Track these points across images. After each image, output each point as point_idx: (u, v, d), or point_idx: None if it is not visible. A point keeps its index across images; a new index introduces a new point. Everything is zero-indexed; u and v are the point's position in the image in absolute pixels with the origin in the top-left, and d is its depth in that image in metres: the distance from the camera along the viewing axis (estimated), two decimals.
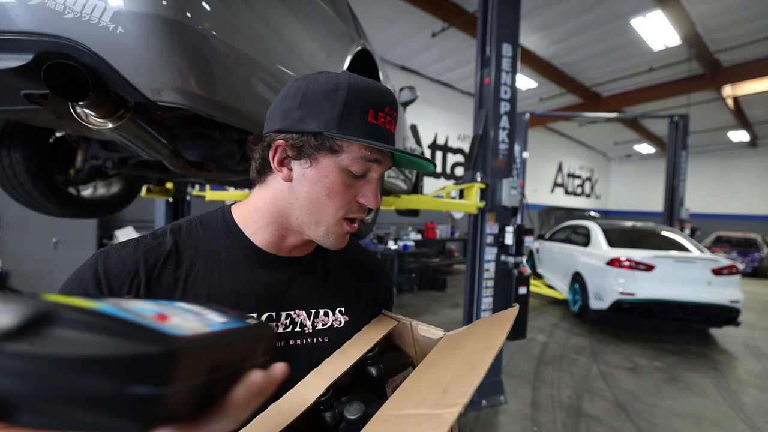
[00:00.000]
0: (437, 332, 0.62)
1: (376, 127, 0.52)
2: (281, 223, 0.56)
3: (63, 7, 0.61)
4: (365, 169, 0.53)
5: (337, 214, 0.53)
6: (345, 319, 0.63)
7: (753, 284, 8.82)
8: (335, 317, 0.62)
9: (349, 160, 0.52)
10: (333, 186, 0.52)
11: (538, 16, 5.96)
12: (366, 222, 1.43)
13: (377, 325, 0.65)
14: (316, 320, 0.60)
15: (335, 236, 0.55)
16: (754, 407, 2.90)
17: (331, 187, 0.52)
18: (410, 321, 0.65)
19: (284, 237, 0.58)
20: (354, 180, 0.53)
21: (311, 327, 0.59)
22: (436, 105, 8.90)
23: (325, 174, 0.52)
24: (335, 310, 0.62)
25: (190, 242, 0.54)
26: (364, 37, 1.58)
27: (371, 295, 0.70)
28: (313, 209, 0.53)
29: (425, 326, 0.63)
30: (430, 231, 7.88)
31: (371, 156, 0.52)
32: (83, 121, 0.72)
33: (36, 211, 1.59)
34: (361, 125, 0.51)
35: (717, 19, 5.96)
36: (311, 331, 0.59)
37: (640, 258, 4.40)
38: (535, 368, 3.48)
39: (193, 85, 0.72)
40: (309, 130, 0.51)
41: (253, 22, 0.86)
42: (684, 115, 6.87)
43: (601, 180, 17.17)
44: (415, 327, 0.64)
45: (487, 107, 2.79)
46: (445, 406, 0.40)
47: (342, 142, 0.51)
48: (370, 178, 0.54)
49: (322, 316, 0.61)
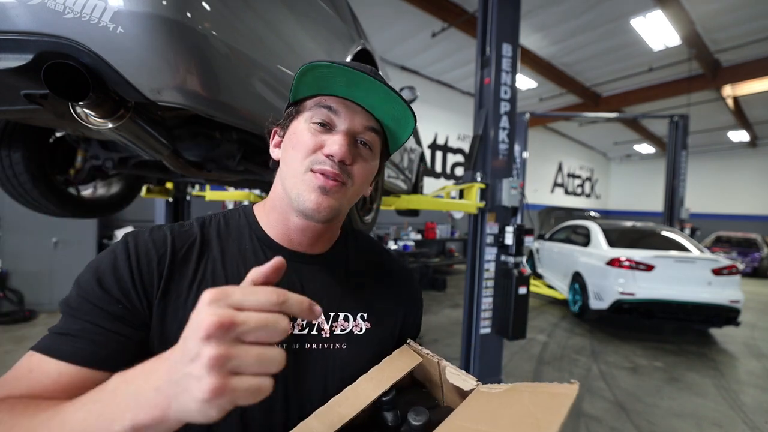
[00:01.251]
0: (470, 381, 0.51)
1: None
2: (279, 204, 0.56)
3: (63, 7, 0.61)
4: (325, 116, 0.52)
5: (302, 165, 0.51)
6: (366, 326, 0.58)
7: (753, 284, 8.82)
8: (356, 323, 0.57)
9: (308, 113, 0.53)
10: (297, 138, 0.53)
11: (538, 16, 5.95)
12: (366, 222, 1.43)
13: (399, 358, 0.56)
14: (335, 324, 0.55)
15: (307, 191, 0.51)
16: (754, 407, 2.90)
17: (295, 140, 0.53)
18: (438, 359, 0.55)
19: (288, 224, 0.56)
20: (320, 132, 0.52)
21: (329, 331, 0.54)
22: (436, 105, 8.89)
23: (293, 132, 0.54)
24: (356, 315, 0.57)
25: (214, 234, 0.56)
26: (364, 37, 1.59)
27: (401, 309, 0.64)
28: (286, 172, 0.54)
29: (455, 370, 0.53)
30: (430, 231, 7.88)
31: (326, 103, 0.52)
32: (83, 121, 0.72)
33: (36, 211, 1.59)
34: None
35: (717, 19, 5.96)
36: (329, 336, 0.54)
37: (640, 258, 4.40)
38: (535, 368, 3.47)
39: (193, 85, 0.72)
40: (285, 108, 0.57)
41: (253, 22, 0.86)
42: (684, 115, 6.87)
43: (601, 180, 17.17)
44: (444, 368, 0.54)
45: (487, 107, 2.79)
46: None
47: (305, 102, 0.54)
48: (337, 130, 0.52)
49: (342, 321, 0.56)
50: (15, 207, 3.38)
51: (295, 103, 0.55)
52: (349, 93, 0.52)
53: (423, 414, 0.47)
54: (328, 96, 0.52)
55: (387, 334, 0.60)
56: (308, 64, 0.48)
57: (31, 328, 3.83)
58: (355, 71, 0.48)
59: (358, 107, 0.53)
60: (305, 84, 0.52)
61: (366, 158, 0.55)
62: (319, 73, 0.49)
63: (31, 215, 1.98)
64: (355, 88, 0.51)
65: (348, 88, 0.51)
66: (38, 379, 0.41)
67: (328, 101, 0.52)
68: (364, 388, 0.50)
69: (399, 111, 0.53)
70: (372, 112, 0.54)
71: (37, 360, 0.42)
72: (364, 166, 0.54)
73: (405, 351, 0.58)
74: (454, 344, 3.93)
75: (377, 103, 0.52)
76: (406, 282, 0.67)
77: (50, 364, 0.42)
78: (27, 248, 4.18)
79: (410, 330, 0.66)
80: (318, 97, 0.53)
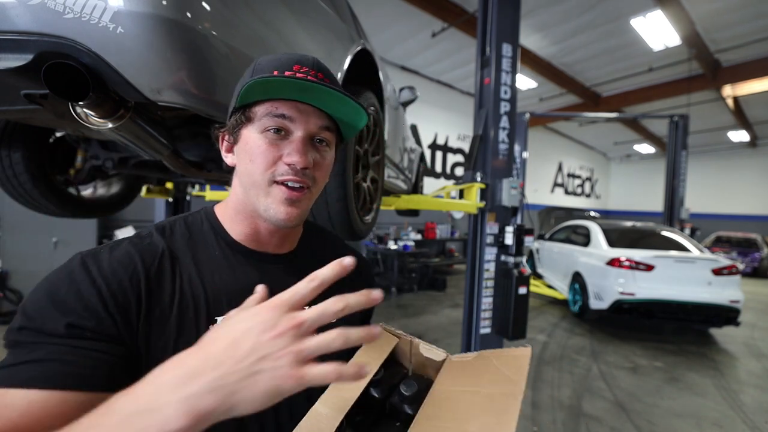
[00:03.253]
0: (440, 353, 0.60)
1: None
2: (245, 210, 0.56)
3: (63, 7, 0.61)
4: (279, 124, 0.51)
5: (263, 177, 0.51)
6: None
7: (753, 284, 8.82)
8: None
9: (260, 122, 0.51)
10: (253, 150, 0.51)
11: (538, 16, 5.96)
12: (366, 222, 1.43)
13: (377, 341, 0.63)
14: None
15: (275, 205, 0.52)
16: (754, 407, 2.90)
17: (252, 152, 0.52)
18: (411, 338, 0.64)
19: (256, 226, 0.57)
20: (277, 141, 0.52)
21: None
22: (436, 105, 8.90)
23: (246, 142, 0.53)
24: None
25: (181, 243, 0.54)
26: (364, 37, 1.59)
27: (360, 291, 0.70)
28: (247, 181, 0.53)
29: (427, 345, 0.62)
30: (430, 231, 7.89)
31: (278, 111, 0.51)
32: (83, 121, 0.72)
33: (36, 211, 1.59)
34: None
35: (717, 19, 5.96)
36: None
37: (640, 258, 4.40)
38: (535, 368, 3.47)
39: (193, 85, 0.72)
40: (231, 112, 0.54)
41: (253, 22, 0.85)
42: (684, 115, 6.87)
43: (601, 180, 17.17)
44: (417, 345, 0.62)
45: (487, 107, 2.79)
46: None
47: (254, 108, 0.52)
48: (294, 137, 0.52)
49: None
50: (15, 207, 3.37)
51: (242, 107, 0.53)
52: (301, 96, 0.51)
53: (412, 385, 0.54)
54: (278, 102, 0.51)
55: (355, 319, 0.65)
56: (256, 79, 0.47)
57: None
58: (307, 83, 0.48)
59: (311, 108, 0.52)
60: (254, 91, 0.50)
61: (324, 156, 0.56)
62: (269, 85, 0.49)
63: (31, 215, 1.98)
64: (307, 92, 0.51)
65: (300, 93, 0.51)
66: (3, 415, 0.35)
67: (280, 108, 0.51)
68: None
69: (352, 110, 0.54)
70: (325, 111, 0.54)
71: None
72: (324, 163, 0.56)
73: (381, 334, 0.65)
74: (454, 344, 3.93)
75: (330, 104, 0.53)
76: (362, 268, 0.72)
77: (16, 395, 0.36)
78: (27, 248, 4.18)
79: (368, 314, 0.74)
80: (268, 104, 0.51)
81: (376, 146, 1.52)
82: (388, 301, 5.82)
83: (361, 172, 1.39)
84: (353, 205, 1.25)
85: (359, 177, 1.36)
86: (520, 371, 0.50)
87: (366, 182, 1.44)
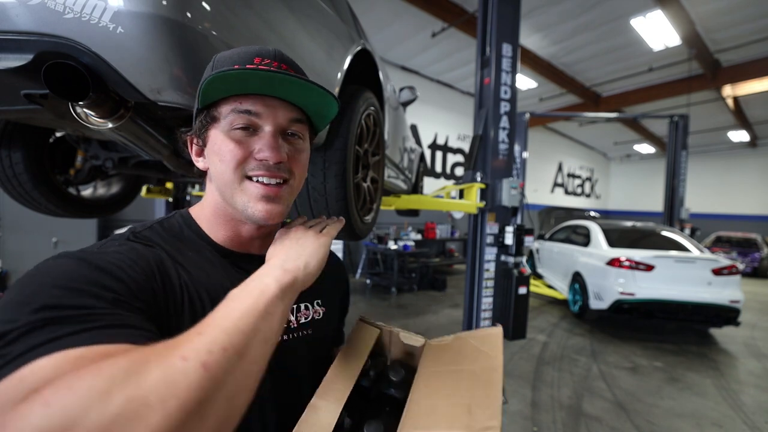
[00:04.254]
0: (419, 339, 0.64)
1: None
2: (224, 213, 0.55)
3: (63, 7, 0.61)
4: (246, 121, 0.49)
5: (235, 175, 0.49)
6: (323, 310, 0.66)
7: (753, 284, 8.82)
8: (314, 309, 0.65)
9: (225, 120, 0.49)
10: (221, 150, 0.49)
11: (538, 16, 5.96)
12: (366, 222, 1.43)
13: (361, 334, 0.66)
14: (299, 314, 0.62)
15: (252, 202, 0.50)
16: (754, 407, 2.90)
17: (221, 152, 0.49)
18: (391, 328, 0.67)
19: (237, 228, 0.56)
20: (246, 138, 0.49)
21: (296, 321, 0.61)
22: (436, 105, 8.90)
23: (214, 142, 0.51)
24: (313, 302, 0.65)
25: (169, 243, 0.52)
26: (364, 37, 1.58)
27: (339, 287, 0.76)
28: (220, 183, 0.51)
29: (406, 333, 0.66)
30: (430, 231, 7.88)
31: (242, 107, 0.48)
32: (83, 121, 0.72)
33: (36, 211, 1.60)
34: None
35: (717, 19, 5.97)
36: (296, 326, 0.61)
37: (640, 258, 4.40)
38: (535, 368, 3.47)
39: (193, 85, 0.72)
40: (195, 113, 0.52)
41: (253, 22, 0.85)
42: (684, 115, 6.87)
43: (601, 180, 17.17)
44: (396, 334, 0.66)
45: (487, 107, 2.79)
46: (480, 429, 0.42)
47: (219, 108, 0.49)
48: (263, 132, 0.50)
49: (304, 310, 0.63)
50: (15, 207, 3.37)
51: (206, 107, 0.50)
52: (265, 90, 0.49)
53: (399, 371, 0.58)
54: (243, 97, 0.48)
55: (336, 311, 0.72)
56: (216, 73, 0.44)
57: None
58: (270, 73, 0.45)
59: (278, 101, 0.50)
60: (214, 88, 0.47)
61: (299, 148, 0.54)
62: (230, 79, 0.46)
63: (31, 215, 1.98)
64: (271, 85, 0.48)
65: (264, 86, 0.48)
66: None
67: (244, 104, 0.48)
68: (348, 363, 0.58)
69: (320, 99, 0.51)
70: (293, 102, 0.52)
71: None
72: (300, 156, 0.54)
73: (363, 327, 0.69)
74: None
75: (297, 94, 0.50)
76: (336, 263, 0.76)
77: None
78: (27, 248, 4.18)
79: (345, 301, 0.79)
80: (231, 101, 0.49)
81: (376, 146, 1.52)
82: (389, 301, 5.83)
83: (361, 172, 1.39)
84: (353, 206, 1.25)
85: (359, 177, 1.36)
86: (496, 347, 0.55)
87: (366, 182, 1.44)
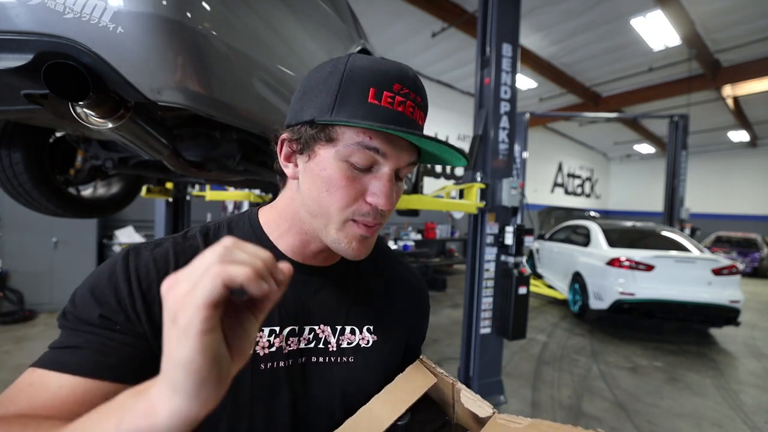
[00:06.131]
0: (486, 408, 0.51)
1: (380, 109, 0.43)
2: (300, 227, 0.52)
3: (63, 7, 0.61)
4: (369, 160, 0.44)
5: (341, 214, 0.46)
6: (373, 338, 0.57)
7: (753, 284, 8.82)
8: (362, 336, 0.56)
9: (346, 149, 0.44)
10: (332, 180, 0.45)
11: (538, 16, 5.95)
12: None
13: (413, 377, 0.55)
14: (342, 338, 0.55)
15: (347, 241, 0.47)
16: (754, 407, 2.90)
17: (330, 182, 0.45)
18: (453, 381, 0.55)
19: (307, 243, 0.53)
20: (360, 174, 0.46)
21: (335, 345, 0.54)
22: (436, 105, 8.89)
23: (323, 167, 0.46)
24: (362, 328, 0.56)
25: None
26: (364, 37, 1.59)
27: (409, 320, 0.63)
28: (316, 209, 0.48)
29: (470, 394, 0.53)
30: (430, 231, 7.88)
31: (371, 143, 0.43)
32: (83, 121, 0.72)
33: (36, 211, 1.59)
34: (357, 107, 0.43)
35: (717, 19, 5.96)
36: (335, 350, 0.54)
37: (640, 258, 4.40)
38: (535, 368, 3.47)
39: (193, 84, 0.72)
40: (305, 119, 0.46)
41: (253, 22, 0.85)
42: (684, 115, 6.86)
43: (601, 180, 17.17)
44: (458, 391, 0.53)
45: (487, 107, 2.79)
46: None
47: (338, 129, 0.44)
48: (380, 173, 0.45)
49: (348, 334, 0.55)
50: (15, 207, 3.37)
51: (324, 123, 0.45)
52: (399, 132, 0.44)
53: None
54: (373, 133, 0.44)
55: (395, 345, 0.60)
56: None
57: (31, 328, 3.83)
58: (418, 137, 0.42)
59: (404, 142, 0.45)
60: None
61: (400, 189, 0.50)
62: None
63: (31, 215, 1.98)
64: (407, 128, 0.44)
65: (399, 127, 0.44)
66: (38, 394, 0.38)
67: (374, 141, 0.44)
68: (380, 410, 0.49)
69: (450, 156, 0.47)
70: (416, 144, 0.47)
71: (38, 375, 0.39)
72: (398, 197, 0.50)
73: (418, 368, 0.57)
74: (454, 344, 3.93)
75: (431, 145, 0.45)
76: (415, 291, 0.65)
77: (51, 377, 0.39)
78: (27, 248, 4.17)
79: (418, 339, 0.66)
80: (361, 133, 0.44)
81: None
82: None
83: None
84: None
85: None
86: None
87: None
